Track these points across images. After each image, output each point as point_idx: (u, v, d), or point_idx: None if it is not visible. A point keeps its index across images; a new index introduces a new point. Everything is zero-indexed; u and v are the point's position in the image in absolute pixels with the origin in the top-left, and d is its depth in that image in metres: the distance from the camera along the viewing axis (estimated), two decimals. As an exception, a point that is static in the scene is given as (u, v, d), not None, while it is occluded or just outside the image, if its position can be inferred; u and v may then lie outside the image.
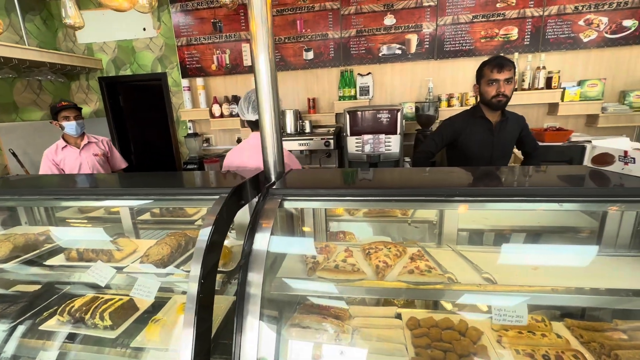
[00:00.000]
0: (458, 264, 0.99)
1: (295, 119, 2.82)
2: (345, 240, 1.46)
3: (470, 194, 0.87)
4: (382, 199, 0.90)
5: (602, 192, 0.83)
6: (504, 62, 1.64)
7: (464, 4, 2.79)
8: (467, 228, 1.18)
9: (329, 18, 3.00)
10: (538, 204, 0.83)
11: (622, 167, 0.95)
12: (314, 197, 0.96)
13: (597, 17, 2.67)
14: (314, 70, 3.17)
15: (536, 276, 0.90)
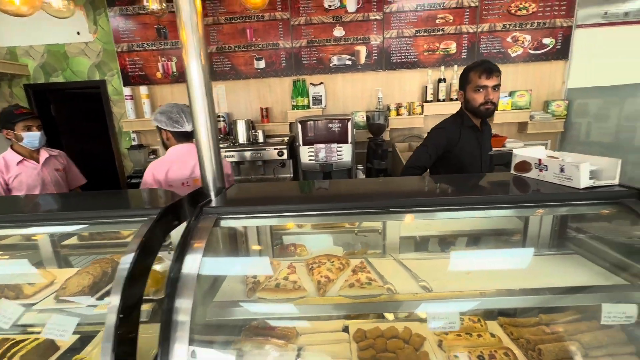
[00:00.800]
0: (398, 274, 1.01)
1: (248, 128, 2.76)
2: (296, 252, 1.43)
3: (403, 205, 0.89)
4: (319, 214, 0.89)
5: (521, 199, 0.90)
6: (492, 68, 1.53)
7: (407, 18, 2.95)
8: (409, 236, 1.21)
9: (279, 28, 3.00)
10: (466, 212, 0.87)
11: (538, 174, 1.04)
12: (252, 215, 0.92)
13: (522, 35, 2.97)
14: (266, 80, 3.14)
15: (468, 281, 0.95)
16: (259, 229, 1.22)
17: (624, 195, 0.87)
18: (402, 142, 3.08)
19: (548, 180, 1.00)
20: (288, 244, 1.52)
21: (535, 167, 1.05)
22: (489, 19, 2.93)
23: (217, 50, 3.07)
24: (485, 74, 1.52)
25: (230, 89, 3.17)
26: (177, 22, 0.99)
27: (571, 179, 0.93)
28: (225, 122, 3.10)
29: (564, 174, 0.95)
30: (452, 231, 1.23)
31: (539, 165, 1.03)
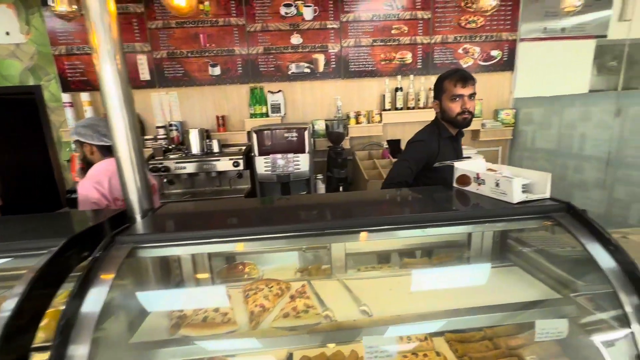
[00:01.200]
0: (340, 297, 0.96)
1: (202, 138, 2.62)
2: (245, 272, 1.34)
3: (341, 227, 0.84)
4: (249, 239, 0.82)
5: (457, 216, 0.88)
6: (466, 76, 1.50)
7: (364, 28, 2.97)
8: (355, 252, 1.17)
9: (234, 34, 2.90)
10: (400, 231, 0.84)
11: (477, 188, 1.04)
12: (177, 243, 0.83)
13: (472, 47, 3.10)
14: (222, 87, 3.02)
15: (411, 301, 0.92)
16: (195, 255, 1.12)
17: (554, 209, 0.88)
18: (362, 151, 3.09)
19: (486, 195, 1.00)
20: (237, 263, 1.43)
21: (474, 181, 1.05)
22: (442, 30, 3.04)
23: (168, 55, 2.90)
24: (460, 82, 1.48)
25: (183, 96, 3.01)
26: (86, 24, 0.88)
27: (505, 193, 0.93)
28: (178, 132, 2.93)
29: (499, 188, 0.95)
30: (398, 247, 1.20)
31: (477, 179, 1.03)
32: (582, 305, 0.86)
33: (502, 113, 3.18)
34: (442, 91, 1.55)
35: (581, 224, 0.84)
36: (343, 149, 2.85)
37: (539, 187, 0.94)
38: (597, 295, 0.84)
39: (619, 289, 0.74)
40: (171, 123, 2.93)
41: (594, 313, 0.83)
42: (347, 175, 2.84)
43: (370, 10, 2.94)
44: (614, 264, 0.77)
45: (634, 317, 0.72)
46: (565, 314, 0.86)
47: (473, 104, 1.53)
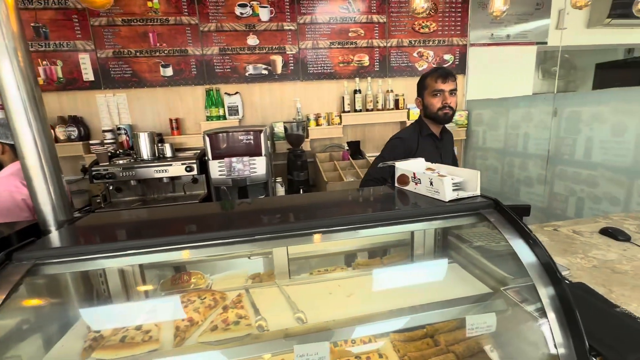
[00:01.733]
0: (278, 304, 0.92)
1: (152, 142, 2.48)
2: (191, 282, 1.27)
3: (276, 231, 0.81)
4: (173, 248, 0.76)
5: (392, 216, 0.88)
6: (447, 72, 1.55)
7: (321, 30, 2.98)
8: (299, 257, 1.14)
9: (187, 33, 2.79)
10: (337, 233, 0.82)
11: (415, 187, 1.05)
12: (89, 257, 0.75)
13: (426, 51, 3.21)
14: (176, 88, 2.88)
15: (347, 305, 0.90)
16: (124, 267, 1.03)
17: (482, 206, 0.91)
18: (323, 153, 3.08)
19: (422, 194, 1.01)
20: (182, 273, 1.34)
21: (412, 180, 1.06)
22: (397, 34, 3.11)
23: (115, 54, 2.73)
24: (441, 78, 1.53)
25: (133, 98, 2.84)
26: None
27: (438, 192, 0.94)
28: (128, 136, 2.76)
29: (433, 187, 0.96)
30: (341, 249, 1.19)
31: (414, 179, 1.04)
32: (510, 297, 0.88)
33: (456, 114, 3.31)
34: (424, 87, 1.60)
35: (506, 220, 0.87)
36: (303, 151, 2.83)
37: (470, 185, 0.97)
38: (522, 287, 0.87)
39: (537, 280, 0.77)
40: (119, 126, 2.75)
41: (520, 305, 0.86)
42: (307, 177, 2.82)
43: (327, 12, 2.95)
44: (533, 258, 0.80)
45: (549, 306, 0.75)
46: (495, 308, 0.88)
47: (454, 99, 1.56)
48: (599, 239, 1.22)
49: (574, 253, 1.11)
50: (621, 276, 0.96)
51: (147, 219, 1.00)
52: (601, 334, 0.70)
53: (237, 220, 0.90)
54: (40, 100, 0.87)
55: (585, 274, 0.98)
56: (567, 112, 2.30)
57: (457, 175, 0.99)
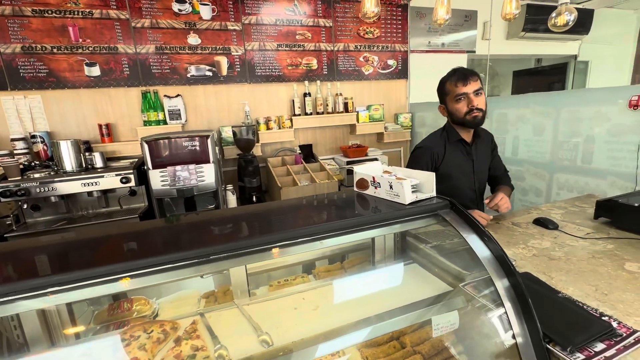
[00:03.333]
0: (239, 327, 0.84)
1: (77, 151, 2.16)
2: (133, 310, 1.10)
3: (231, 249, 0.73)
4: (104, 280, 0.64)
5: (353, 223, 0.85)
6: (466, 73, 1.41)
7: (267, 32, 2.90)
8: (257, 271, 1.07)
9: (116, 29, 2.50)
10: (295, 246, 0.78)
11: (374, 191, 1.05)
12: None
13: (371, 56, 3.32)
14: (105, 90, 2.57)
15: (314, 319, 0.86)
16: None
17: (439, 207, 0.93)
18: (275, 157, 3.00)
19: (382, 197, 1.01)
20: (120, 301, 1.17)
21: (371, 185, 1.06)
22: (343, 39, 3.17)
23: (24, 50, 2.33)
24: (461, 81, 1.40)
25: (50, 101, 2.45)
26: None
27: (398, 195, 0.95)
28: (45, 144, 2.38)
29: (393, 190, 0.97)
30: (303, 260, 1.14)
31: (373, 183, 1.04)
32: (469, 293, 0.92)
33: (401, 117, 3.48)
34: (445, 94, 1.48)
35: (461, 219, 0.90)
36: (254, 156, 2.72)
37: (426, 186, 0.99)
38: (480, 282, 0.91)
39: (493, 274, 0.81)
40: (34, 134, 2.35)
41: (478, 299, 0.90)
42: (260, 183, 2.72)
43: (273, 14, 2.88)
44: (488, 252, 0.84)
45: (505, 297, 0.79)
46: (457, 306, 0.91)
47: (481, 99, 1.41)
48: (534, 229, 1.35)
49: (516, 244, 1.21)
50: (556, 262, 1.06)
51: (68, 244, 0.84)
52: (550, 321, 0.75)
53: (185, 239, 0.80)
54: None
55: (528, 263, 1.07)
56: (496, 114, 2.55)
57: (414, 178, 1.01)
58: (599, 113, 1.85)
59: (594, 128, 1.89)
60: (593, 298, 0.86)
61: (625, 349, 0.68)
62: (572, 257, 1.09)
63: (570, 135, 2.00)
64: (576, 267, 1.02)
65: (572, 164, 2.01)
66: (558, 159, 2.05)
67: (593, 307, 0.82)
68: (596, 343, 0.69)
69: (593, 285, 0.92)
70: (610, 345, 0.69)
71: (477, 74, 1.42)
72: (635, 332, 0.72)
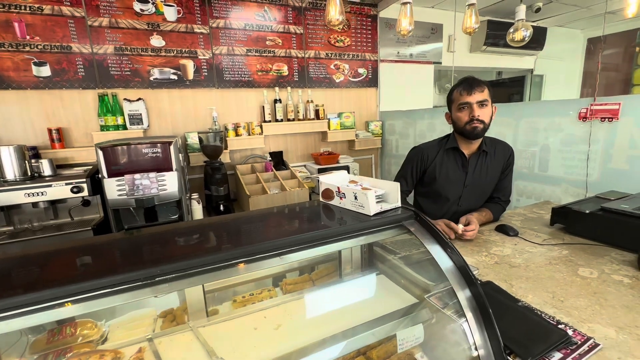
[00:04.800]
0: (191, 353, 0.77)
1: (21, 158, 1.96)
2: (78, 335, 0.99)
3: (187, 268, 0.67)
4: (40, 307, 0.56)
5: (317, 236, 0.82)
6: (473, 83, 1.39)
7: (236, 36, 2.84)
8: (218, 287, 1.00)
9: (70, 27, 2.33)
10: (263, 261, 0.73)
11: (340, 202, 1.02)
12: None
13: (342, 64, 3.35)
14: (56, 92, 2.38)
15: (275, 339, 0.80)
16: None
17: (404, 217, 0.92)
18: (244, 164, 2.92)
19: (347, 208, 0.98)
20: (63, 325, 1.05)
21: (336, 195, 1.03)
22: (314, 46, 3.17)
23: (-40, 46, 2.11)
24: (466, 90, 1.38)
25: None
26: None
27: (363, 206, 0.93)
28: (-16, 150, 2.14)
29: (357, 201, 0.94)
30: (263, 275, 1.09)
31: (338, 193, 1.01)
32: (434, 304, 0.91)
33: (372, 124, 3.53)
34: (451, 101, 1.48)
35: (426, 230, 0.89)
36: (222, 163, 2.63)
37: (391, 197, 0.98)
38: (444, 293, 0.90)
39: (455, 284, 0.80)
40: (-30, 139, 2.12)
41: (442, 311, 0.89)
42: (228, 192, 2.62)
43: (242, 18, 2.83)
44: (450, 263, 0.83)
45: (467, 308, 0.78)
46: (422, 319, 0.90)
47: (485, 111, 1.39)
48: (496, 236, 1.38)
49: (479, 252, 1.23)
50: (516, 270, 1.08)
51: (6, 260, 0.74)
52: (511, 331, 0.75)
53: (139, 256, 0.73)
54: None
55: (490, 270, 1.09)
56: (461, 123, 2.65)
57: (380, 188, 1.00)
58: (553, 123, 1.97)
59: (549, 138, 2.00)
60: (550, 305, 0.88)
61: (580, 357, 0.69)
62: (531, 264, 1.12)
63: (528, 144, 2.11)
64: (535, 274, 1.05)
65: (530, 171, 2.11)
66: (518, 166, 2.14)
67: (550, 314, 0.83)
68: (554, 353, 0.70)
69: (550, 292, 0.95)
70: (567, 354, 0.69)
71: (485, 85, 1.41)
72: (589, 340, 0.73)
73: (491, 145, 1.55)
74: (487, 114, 1.42)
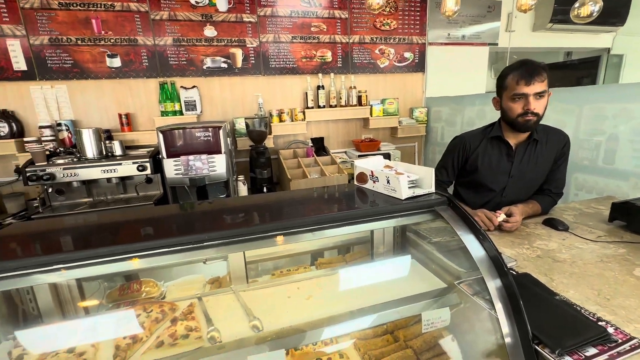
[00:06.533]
0: (232, 312, 0.87)
1: (98, 139, 2.27)
2: (143, 291, 1.17)
3: (231, 236, 0.76)
4: (116, 259, 0.68)
5: (349, 216, 0.86)
6: (533, 71, 1.21)
7: (282, 24, 2.90)
8: (258, 259, 1.10)
9: (136, 21, 2.58)
10: (293, 235, 0.79)
11: (373, 185, 1.05)
12: (9, 274, 0.65)
13: (387, 48, 3.26)
14: (125, 81, 2.67)
15: (306, 308, 0.88)
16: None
17: (437, 203, 0.92)
18: (286, 149, 3.03)
19: (380, 192, 1.01)
20: (131, 282, 1.24)
21: (370, 179, 1.06)
22: (359, 31, 3.13)
23: (51, 42, 2.45)
24: (524, 79, 1.22)
25: (75, 91, 2.58)
26: None
27: (395, 190, 0.95)
28: (70, 132, 2.51)
29: (390, 185, 0.96)
30: (301, 250, 1.16)
31: (372, 177, 1.04)
32: (464, 291, 0.91)
33: (417, 111, 3.41)
34: (503, 87, 1.32)
35: (458, 216, 0.89)
36: (266, 148, 2.76)
37: (425, 182, 0.98)
38: (474, 281, 0.90)
39: (485, 273, 0.79)
40: (60, 122, 2.49)
41: (472, 298, 0.89)
42: (271, 175, 2.76)
43: (288, 5, 2.88)
44: (483, 252, 0.82)
45: (496, 298, 0.78)
46: (450, 303, 0.91)
47: (541, 103, 1.25)
48: (542, 229, 1.30)
49: (521, 244, 1.18)
50: (560, 265, 1.03)
51: (88, 225, 0.90)
52: (543, 322, 0.73)
53: (190, 225, 0.84)
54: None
55: (530, 264, 1.04)
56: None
57: (414, 173, 1.01)
58: (625, 110, 1.75)
59: (618, 126, 1.78)
60: (593, 302, 0.83)
61: (618, 355, 0.66)
62: (578, 260, 1.05)
63: (592, 133, 1.90)
64: (581, 270, 0.99)
65: (592, 164, 1.91)
66: (578, 158, 1.95)
67: (591, 311, 0.79)
68: (588, 348, 0.68)
69: (596, 289, 0.89)
70: (603, 351, 0.67)
71: (545, 71, 1.24)
72: (633, 339, 0.69)
73: (543, 133, 1.43)
74: (544, 104, 1.28)
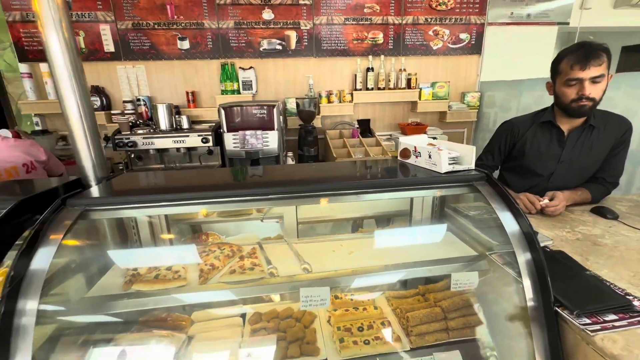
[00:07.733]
0: (286, 257, 1.05)
1: (170, 114, 2.59)
2: (207, 242, 1.41)
3: (286, 192, 0.92)
4: (202, 202, 0.88)
5: (389, 183, 0.97)
6: (590, 54, 1.16)
7: (336, 6, 2.96)
8: (306, 220, 1.26)
9: (203, 6, 2.82)
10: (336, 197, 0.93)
11: (415, 160, 1.14)
12: (127, 206, 0.88)
13: (442, 29, 3.16)
14: (192, 62, 2.96)
15: (349, 260, 1.02)
16: (152, 219, 1.17)
17: (475, 178, 0.99)
18: (333, 130, 3.15)
19: (421, 166, 1.10)
20: (200, 233, 1.49)
21: (413, 154, 1.15)
22: (413, 11, 3.07)
23: (133, 26, 2.80)
24: (579, 63, 1.17)
25: (151, 70, 2.93)
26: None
27: (435, 164, 1.03)
28: (147, 107, 2.88)
29: (431, 160, 1.05)
30: (345, 216, 1.30)
31: (415, 152, 1.13)
32: (494, 260, 0.99)
33: (469, 95, 3.30)
34: (557, 72, 1.28)
35: (495, 192, 0.95)
36: (314, 127, 2.91)
37: (466, 159, 1.05)
38: (505, 253, 0.97)
39: (517, 247, 0.86)
40: (139, 98, 2.87)
41: (500, 266, 0.96)
42: (317, 153, 2.91)
43: (343, -13, 2.92)
44: (517, 227, 0.89)
45: (525, 272, 0.84)
46: (479, 268, 0.99)
47: (597, 88, 1.20)
48: (589, 216, 1.29)
49: (562, 228, 1.20)
50: (600, 248, 1.04)
51: (172, 178, 1.13)
52: (567, 289, 0.80)
53: (251, 182, 1.01)
54: (81, 69, 0.98)
55: (568, 244, 1.07)
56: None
57: (455, 150, 1.08)
58: None
59: (700, 116, 1.62)
60: (626, 281, 0.86)
61: (638, 323, 0.70)
62: (621, 246, 1.05)
63: (667, 123, 1.74)
64: (620, 254, 1.00)
65: (663, 156, 1.77)
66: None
67: (622, 287, 0.83)
68: (608, 313, 0.73)
69: (633, 271, 0.91)
70: (623, 318, 0.72)
71: (605, 54, 1.16)
72: (658, 313, 0.73)
73: (602, 119, 1.37)
74: (601, 89, 1.22)
